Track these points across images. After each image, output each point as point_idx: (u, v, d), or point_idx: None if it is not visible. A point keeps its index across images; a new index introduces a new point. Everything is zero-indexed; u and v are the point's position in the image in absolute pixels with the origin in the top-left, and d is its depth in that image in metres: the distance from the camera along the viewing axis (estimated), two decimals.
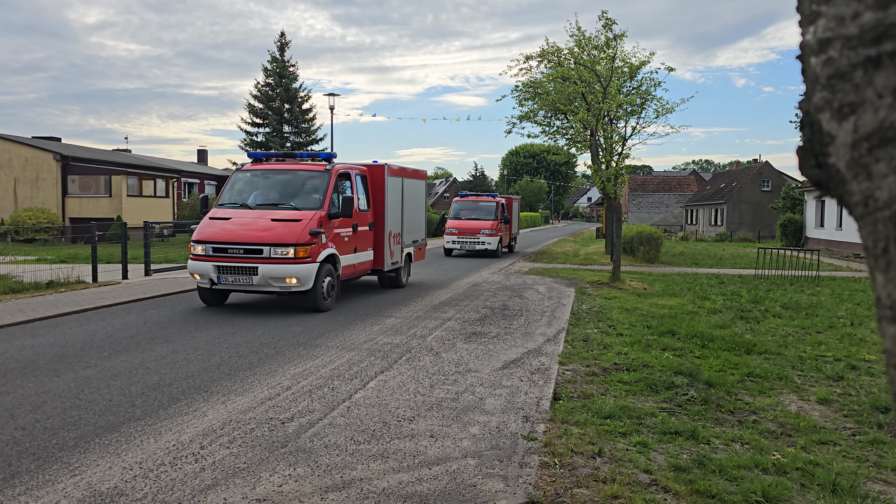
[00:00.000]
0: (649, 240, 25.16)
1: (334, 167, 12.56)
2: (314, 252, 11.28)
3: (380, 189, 14.32)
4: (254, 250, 11.12)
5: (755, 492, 4.42)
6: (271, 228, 11.29)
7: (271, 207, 11.99)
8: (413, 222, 16.46)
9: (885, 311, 0.59)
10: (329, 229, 11.83)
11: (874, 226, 0.59)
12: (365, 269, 14.02)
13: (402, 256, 15.61)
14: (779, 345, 9.38)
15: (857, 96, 0.58)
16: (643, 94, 19.59)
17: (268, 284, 11.15)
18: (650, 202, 77.60)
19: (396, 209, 15.11)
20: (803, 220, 37.71)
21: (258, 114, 45.88)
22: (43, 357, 8.03)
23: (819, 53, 0.62)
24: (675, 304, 13.37)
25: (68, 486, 4.39)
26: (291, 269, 11.06)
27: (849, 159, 0.60)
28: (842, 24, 0.59)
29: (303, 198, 12.17)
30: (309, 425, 5.64)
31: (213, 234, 11.43)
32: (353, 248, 12.97)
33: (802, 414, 6.24)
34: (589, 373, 7.61)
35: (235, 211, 12.01)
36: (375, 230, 14.26)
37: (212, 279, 11.31)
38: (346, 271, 12.78)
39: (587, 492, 4.41)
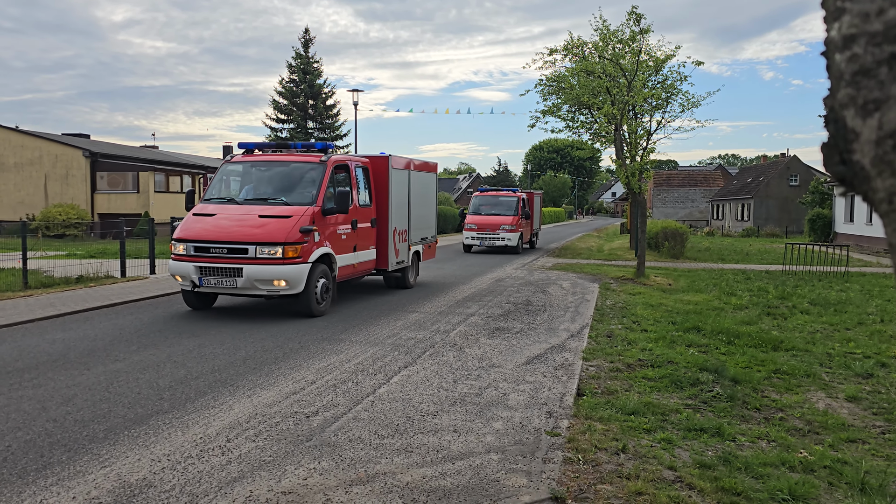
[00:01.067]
0: (674, 235, 24.93)
1: (330, 158, 11.60)
2: (305, 251, 10.35)
3: (383, 183, 13.33)
4: (238, 250, 10.18)
5: (781, 490, 4.37)
6: (258, 226, 10.36)
7: (260, 203, 11.09)
8: (422, 218, 15.45)
9: None
10: (323, 226, 10.90)
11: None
12: (366, 270, 13.09)
13: (409, 255, 14.62)
14: (806, 341, 9.26)
15: (882, 93, 0.58)
16: (668, 87, 19.39)
17: (253, 287, 10.17)
18: (675, 197, 76.84)
19: (402, 204, 14.12)
20: (832, 214, 37.10)
21: (283, 110, 46.18)
22: (73, 350, 8.19)
23: (843, 50, 0.62)
24: (701, 299, 13.24)
25: (98, 477, 4.48)
26: (280, 271, 10.10)
27: (873, 156, 0.60)
28: (866, 20, 0.59)
29: (295, 192, 11.21)
30: (333, 419, 5.69)
31: (194, 232, 10.52)
32: (352, 246, 12.04)
33: (830, 412, 6.15)
34: (613, 369, 7.57)
35: (221, 207, 11.11)
36: (378, 227, 13.28)
37: (193, 281, 10.40)
38: (343, 272, 11.85)
39: (611, 488, 4.40)
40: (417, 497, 4.21)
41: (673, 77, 19.24)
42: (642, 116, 19.32)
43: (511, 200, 26.90)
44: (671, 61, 18.54)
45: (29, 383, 6.70)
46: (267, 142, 11.84)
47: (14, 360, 7.69)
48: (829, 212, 37.67)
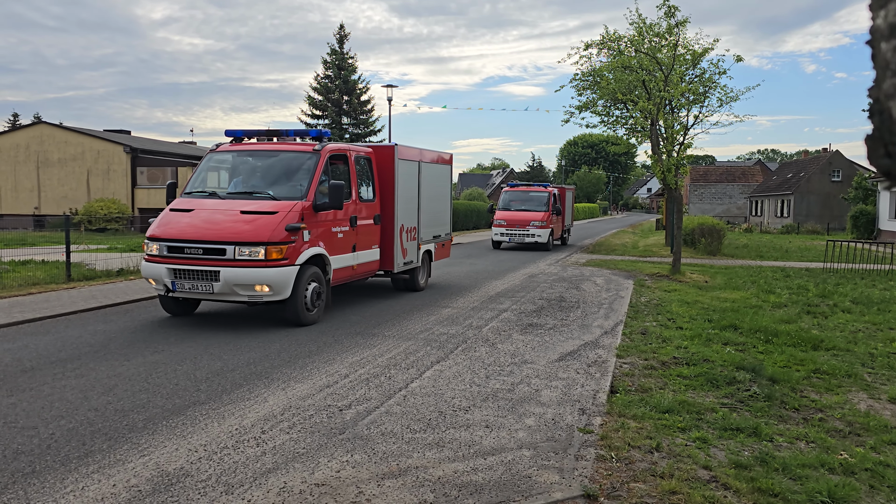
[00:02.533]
0: (711, 231, 24.54)
1: (324, 147, 10.36)
2: (292, 252, 9.20)
3: (389, 175, 12.09)
4: (215, 250, 9.03)
5: (820, 492, 4.28)
6: (238, 223, 9.23)
7: (244, 197, 9.91)
8: (434, 215, 14.17)
9: None
10: (315, 224, 9.74)
11: None
12: (369, 272, 11.83)
13: (419, 255, 13.38)
14: (848, 341, 9.04)
15: None
16: (706, 82, 19.07)
17: (232, 293, 9.04)
18: (712, 193, 75.59)
19: (411, 199, 12.89)
20: (876, 211, 36.14)
21: (318, 106, 46.55)
22: (114, 342, 8.38)
23: (890, 38, 0.60)
24: (738, 297, 13.02)
25: (138, 465, 4.58)
26: (262, 274, 8.94)
27: None
28: None
29: (283, 185, 10.05)
30: (366, 413, 5.73)
31: (168, 231, 9.42)
32: (350, 245, 10.82)
33: (872, 413, 6.00)
34: (647, 366, 7.49)
35: (201, 201, 9.94)
36: (383, 224, 12.05)
37: (166, 285, 9.33)
38: (339, 275, 10.60)
39: (644, 486, 4.36)
40: (449, 491, 4.22)
41: (711, 71, 18.93)
42: (679, 111, 19.04)
43: (542, 196, 26.30)
44: (709, 55, 18.24)
45: (72, 373, 6.88)
46: (257, 129, 11.04)
47: (58, 350, 7.89)
48: (873, 208, 36.70)
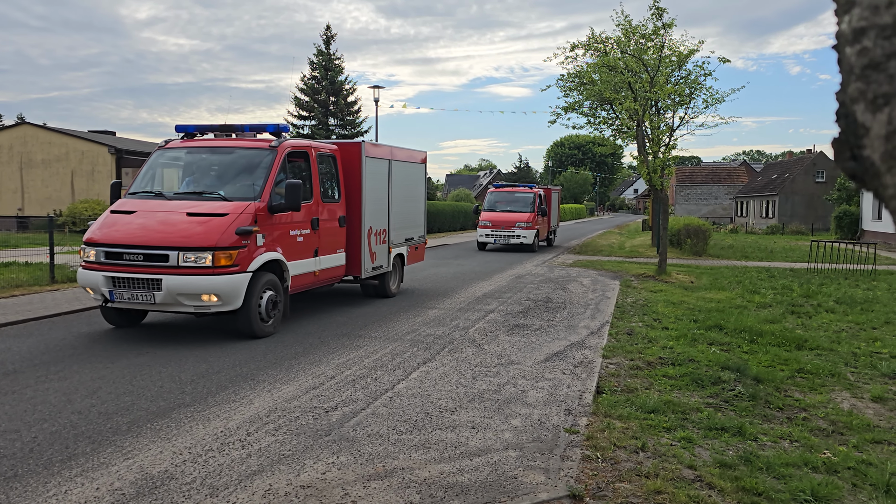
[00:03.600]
0: (697, 232, 24.69)
1: (282, 143, 9.59)
2: (244, 258, 8.45)
3: (356, 174, 11.33)
4: (156, 256, 8.26)
5: (804, 490, 4.32)
6: (184, 226, 8.46)
7: (193, 198, 9.12)
8: (406, 216, 13.42)
9: None
10: (271, 227, 8.99)
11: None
12: (333, 277, 11.13)
13: (390, 259, 12.62)
14: (832, 340, 9.13)
15: (891, 87, 0.57)
16: (692, 83, 19.19)
17: (176, 303, 8.27)
18: (698, 194, 76.07)
19: (380, 199, 12.17)
20: (859, 212, 36.51)
21: (304, 107, 46.42)
22: (98, 344, 8.31)
23: (854, 43, 0.61)
24: (723, 297, 13.11)
25: (122, 468, 4.54)
26: (209, 283, 8.16)
27: (883, 151, 0.59)
28: (876, 13, 0.57)
29: (235, 185, 9.27)
30: (352, 414, 5.72)
31: (106, 235, 8.63)
32: (311, 250, 10.07)
33: (855, 412, 6.06)
34: (633, 367, 7.53)
35: (145, 202, 9.15)
36: (349, 226, 11.30)
37: (104, 295, 8.51)
38: (299, 282, 9.87)
39: (629, 486, 4.38)
40: (435, 492, 4.22)
41: (696, 72, 19.05)
42: (665, 112, 19.14)
43: (527, 197, 26.10)
44: (695, 56, 18.36)
45: (55, 376, 6.82)
46: (210, 124, 10.31)
47: (41, 353, 7.82)
48: (857, 209, 37.07)
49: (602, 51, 19.28)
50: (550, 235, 29.22)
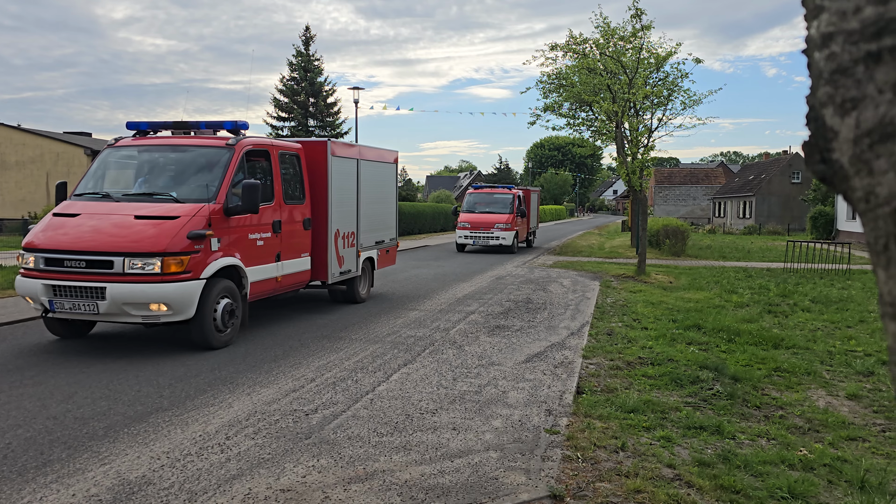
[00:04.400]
0: (675, 233, 24.91)
1: (240, 141, 9.03)
2: (197, 264, 7.91)
3: (321, 174, 10.80)
4: (100, 262, 7.68)
5: (781, 488, 4.37)
6: (131, 230, 7.88)
7: (143, 199, 8.55)
8: (376, 218, 12.92)
9: (886, 307, 0.59)
10: (227, 230, 8.45)
11: (875, 222, 0.58)
12: (297, 283, 10.53)
13: (359, 263, 12.09)
14: (807, 339, 9.25)
15: (859, 91, 0.58)
16: (670, 85, 19.36)
17: (122, 313, 7.69)
18: (677, 195, 76.77)
19: (348, 201, 11.64)
20: (834, 212, 37.03)
21: (283, 108, 46.17)
22: (74, 348, 8.20)
23: (822, 48, 0.62)
24: (702, 297, 13.23)
25: (98, 474, 4.49)
26: (158, 291, 7.62)
27: (851, 155, 0.60)
28: (844, 18, 0.58)
29: (188, 185, 8.73)
30: (332, 417, 5.70)
31: (46, 239, 8.01)
32: (273, 254, 9.54)
33: (831, 409, 6.15)
34: (613, 367, 7.57)
35: (91, 204, 8.55)
36: (315, 229, 10.77)
37: (44, 304, 7.90)
38: (259, 288, 9.30)
39: (609, 486, 4.40)
40: (416, 494, 4.21)
41: (674, 74, 19.23)
42: (643, 114, 19.29)
43: (506, 198, 25.98)
44: (672, 58, 18.53)
45: (29, 381, 6.72)
46: (164, 121, 9.79)
47: (15, 357, 7.70)
48: (832, 209, 37.60)
49: (581, 53, 19.40)
50: (530, 237, 29.19)
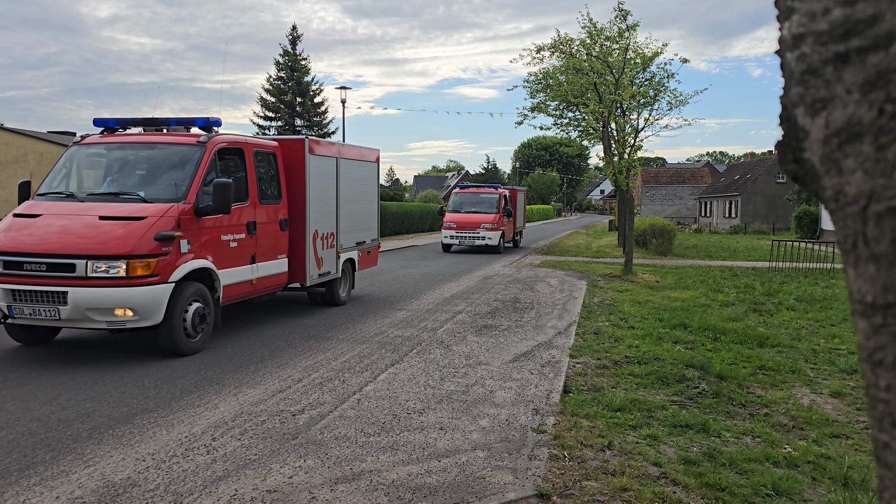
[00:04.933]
0: (662, 232, 25.04)
1: (212, 139, 8.69)
2: (165, 267, 7.56)
3: (298, 173, 10.48)
4: (62, 265, 7.30)
5: (765, 485, 4.41)
6: (95, 232, 7.52)
7: (109, 199, 8.16)
8: (357, 218, 12.59)
9: (856, 305, 0.60)
10: (198, 231, 8.11)
11: (844, 221, 0.59)
12: (274, 286, 10.18)
13: (339, 264, 11.76)
14: (792, 338, 9.33)
15: (828, 92, 0.59)
16: (656, 85, 19.47)
17: (86, 319, 7.31)
18: (663, 194, 77.18)
19: (327, 200, 11.32)
20: (818, 211, 37.36)
21: (270, 107, 46.03)
22: (57, 349, 8.13)
23: (793, 49, 0.63)
24: (688, 296, 13.31)
25: (82, 476, 4.45)
26: (123, 295, 7.26)
27: (821, 154, 0.61)
28: (813, 19, 0.59)
29: (157, 184, 8.38)
30: (319, 417, 5.69)
31: (5, 241, 7.60)
32: (248, 256, 9.20)
33: (815, 407, 6.20)
34: (600, 366, 7.60)
35: (53, 205, 8.19)
36: (292, 230, 10.43)
37: (2, 310, 7.48)
38: (233, 291, 8.96)
39: (596, 484, 4.42)
40: (403, 494, 4.21)
41: (660, 74, 19.34)
42: (630, 114, 19.39)
43: (492, 198, 25.74)
44: (659, 58, 18.64)
45: (12, 382, 6.65)
46: (132, 118, 9.41)
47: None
48: (816, 209, 37.93)
49: (568, 53, 19.47)
50: (516, 237, 28.96)
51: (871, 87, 0.54)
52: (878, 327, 0.57)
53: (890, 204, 0.54)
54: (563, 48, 19.61)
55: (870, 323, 0.58)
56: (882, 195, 0.54)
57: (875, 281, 0.56)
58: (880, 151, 0.54)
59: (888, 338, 0.56)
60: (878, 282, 0.56)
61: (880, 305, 0.56)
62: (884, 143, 0.54)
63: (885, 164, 0.54)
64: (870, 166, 0.55)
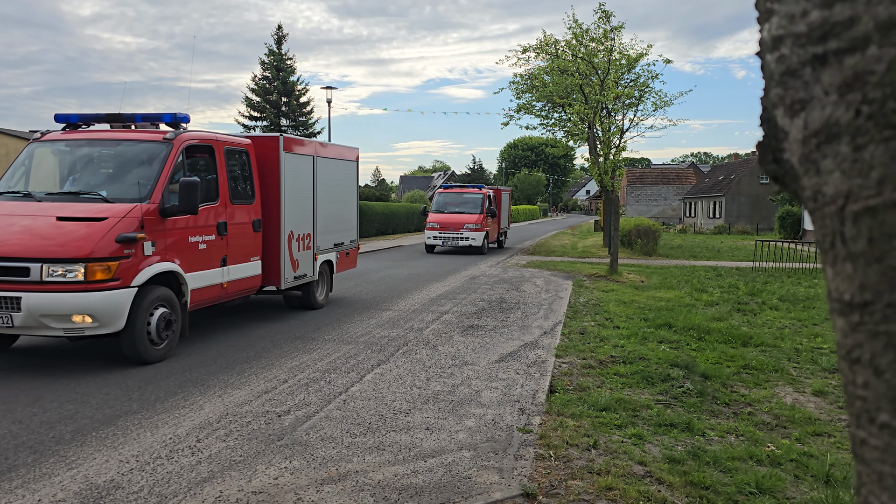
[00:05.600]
0: (647, 232, 25.18)
1: (179, 136, 8.30)
2: (127, 270, 7.13)
3: (273, 171, 10.09)
4: (14, 269, 6.87)
5: (749, 483, 4.45)
6: (51, 233, 7.11)
7: (68, 199, 7.78)
8: (335, 219, 12.21)
9: (834, 303, 0.61)
10: (163, 232, 7.71)
11: (822, 221, 0.60)
12: (247, 289, 9.78)
13: (315, 267, 11.36)
14: (775, 337, 9.41)
15: (807, 93, 0.60)
16: (641, 86, 19.60)
17: (41, 326, 6.90)
18: (648, 195, 77.62)
19: (303, 200, 10.94)
20: (801, 212, 37.70)
21: (256, 107, 45.82)
22: (39, 351, 8.05)
23: (773, 50, 0.64)
24: (673, 296, 13.39)
25: (65, 479, 4.41)
26: (81, 301, 6.86)
27: (800, 155, 0.62)
28: (792, 21, 0.60)
29: (120, 183, 7.97)
30: (305, 418, 5.67)
31: None
32: (218, 258, 8.81)
33: (798, 406, 6.26)
34: (585, 365, 7.63)
35: (8, 204, 7.76)
36: (266, 231, 10.04)
37: None
38: (203, 296, 8.57)
39: (582, 484, 4.44)
40: (389, 495, 4.21)
41: (645, 75, 19.48)
42: (615, 115, 19.50)
43: (476, 198, 25.33)
44: (643, 60, 18.76)
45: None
46: (96, 113, 8.94)
47: None
48: (799, 209, 38.28)
49: (553, 53, 19.55)
50: (501, 237, 28.65)
51: (849, 89, 0.55)
52: (856, 325, 0.58)
53: (867, 203, 0.55)
54: (548, 49, 19.69)
55: (847, 321, 0.59)
56: (859, 195, 0.55)
57: (853, 279, 0.57)
58: (857, 152, 0.55)
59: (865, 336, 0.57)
60: (855, 280, 0.57)
61: (858, 304, 0.57)
62: (861, 144, 0.55)
63: (862, 164, 0.55)
64: (847, 166, 0.56)
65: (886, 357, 0.55)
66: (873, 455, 0.58)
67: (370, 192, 48.46)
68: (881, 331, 0.55)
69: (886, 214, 0.53)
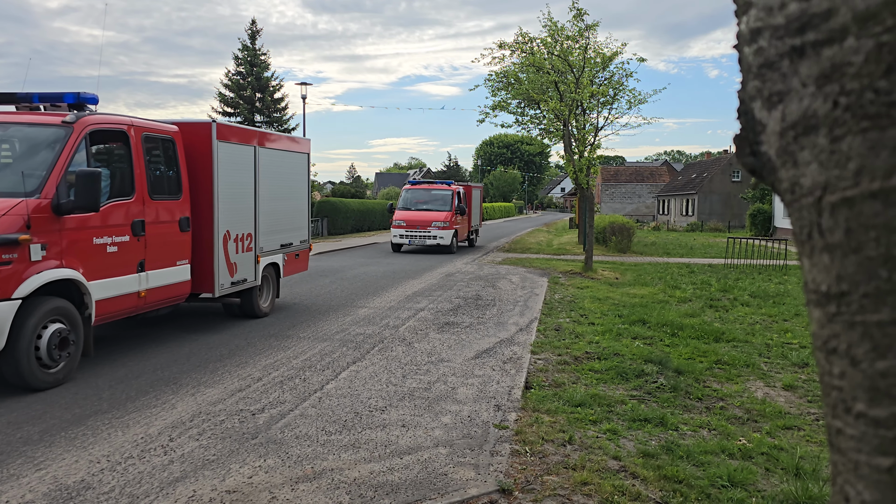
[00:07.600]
0: (621, 230, 25.39)
1: (82, 119, 7.00)
2: (7, 279, 5.94)
3: (204, 163, 8.91)
4: None
5: (721, 476, 4.50)
6: None
7: None
8: (282, 217, 11.02)
9: (811, 295, 0.61)
10: (58, 232, 6.48)
11: (800, 212, 0.61)
12: (173, 297, 8.50)
13: (258, 271, 10.12)
14: (747, 333, 9.54)
15: (784, 85, 0.60)
16: (615, 84, 19.73)
17: None
18: (623, 192, 78.26)
19: (242, 196, 9.74)
20: (772, 210, 38.32)
21: (229, 103, 45.30)
22: None
23: (751, 43, 0.64)
24: (647, 293, 13.52)
25: (33, 480, 4.33)
26: None
27: (778, 147, 0.62)
28: (770, 14, 0.60)
29: (5, 174, 6.63)
30: (280, 416, 5.63)
31: None
32: (133, 263, 7.60)
33: (768, 400, 6.36)
34: (561, 361, 7.67)
35: None
36: (196, 230, 8.86)
37: None
38: (113, 307, 7.34)
39: (557, 479, 4.46)
40: (365, 492, 4.19)
41: (620, 74, 19.61)
42: (590, 112, 19.62)
43: (445, 194, 24.23)
44: (618, 58, 18.89)
45: None
46: None
47: None
48: (770, 207, 38.89)
49: (529, 51, 19.60)
50: (471, 235, 27.53)
51: (826, 80, 0.55)
52: (832, 316, 0.59)
53: (844, 195, 0.55)
54: (524, 46, 19.73)
55: (824, 312, 0.59)
56: (836, 186, 0.56)
57: (829, 270, 0.58)
58: (835, 143, 0.55)
59: (842, 326, 0.57)
60: (832, 271, 0.57)
61: (834, 294, 0.58)
62: (838, 136, 0.55)
63: (839, 155, 0.55)
64: (824, 158, 0.56)
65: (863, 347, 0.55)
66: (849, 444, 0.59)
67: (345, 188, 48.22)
68: (858, 321, 0.55)
69: (864, 205, 0.53)
